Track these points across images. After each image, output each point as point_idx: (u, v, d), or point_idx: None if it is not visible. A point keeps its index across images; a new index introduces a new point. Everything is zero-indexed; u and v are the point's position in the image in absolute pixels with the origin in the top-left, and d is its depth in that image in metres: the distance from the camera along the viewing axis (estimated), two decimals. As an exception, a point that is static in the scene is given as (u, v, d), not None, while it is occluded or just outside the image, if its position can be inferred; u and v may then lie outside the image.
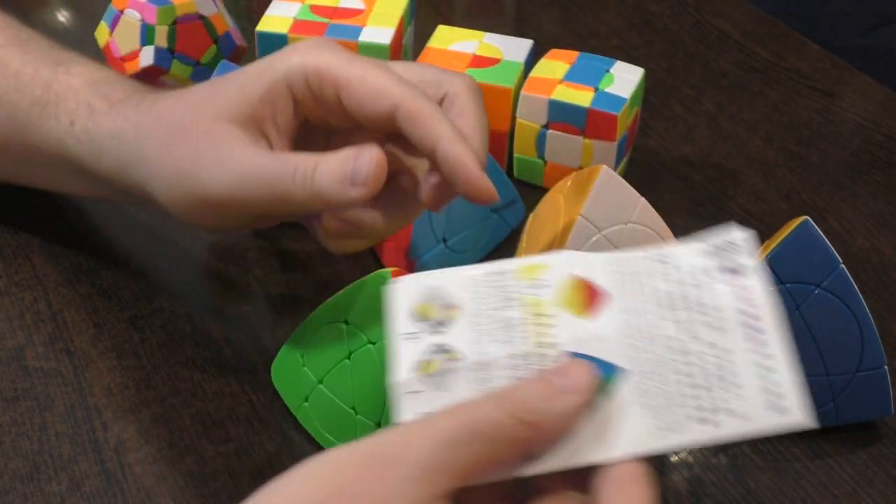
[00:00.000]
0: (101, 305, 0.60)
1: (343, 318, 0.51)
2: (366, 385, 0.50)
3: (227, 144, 0.50)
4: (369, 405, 0.50)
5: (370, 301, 0.50)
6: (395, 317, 0.43)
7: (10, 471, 0.52)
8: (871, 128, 0.79)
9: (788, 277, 0.53)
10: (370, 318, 0.50)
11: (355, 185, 0.47)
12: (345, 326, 0.51)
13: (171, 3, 0.71)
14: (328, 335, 0.52)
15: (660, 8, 0.91)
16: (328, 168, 0.47)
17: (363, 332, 0.50)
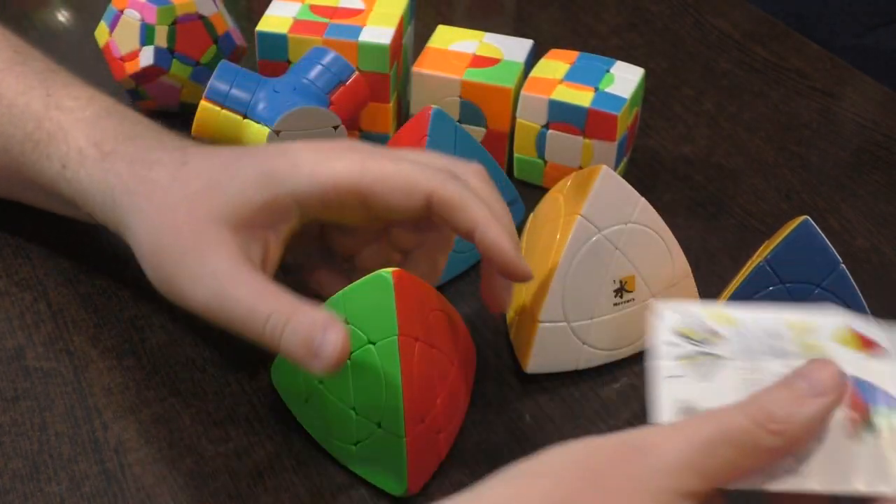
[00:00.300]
0: (101, 305, 0.60)
1: (343, 317, 0.50)
2: (366, 385, 0.50)
3: (212, 258, 0.50)
4: (369, 406, 0.50)
5: (370, 301, 0.50)
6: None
7: (10, 471, 0.52)
8: (871, 128, 0.79)
9: (788, 277, 0.53)
10: (370, 318, 0.50)
11: (318, 358, 0.47)
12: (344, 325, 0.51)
13: (171, 2, 0.71)
14: None
15: (660, 8, 0.91)
16: (298, 329, 0.47)
17: (363, 332, 0.50)
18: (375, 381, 0.50)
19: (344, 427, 0.51)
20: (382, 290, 0.49)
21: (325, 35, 0.68)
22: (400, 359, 0.49)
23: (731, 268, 0.65)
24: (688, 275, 0.60)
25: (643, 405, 0.57)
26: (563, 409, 0.57)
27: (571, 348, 0.57)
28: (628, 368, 0.59)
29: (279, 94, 0.64)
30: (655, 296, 0.59)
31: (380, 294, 0.49)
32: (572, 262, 0.56)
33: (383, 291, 0.49)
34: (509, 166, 0.71)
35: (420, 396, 0.50)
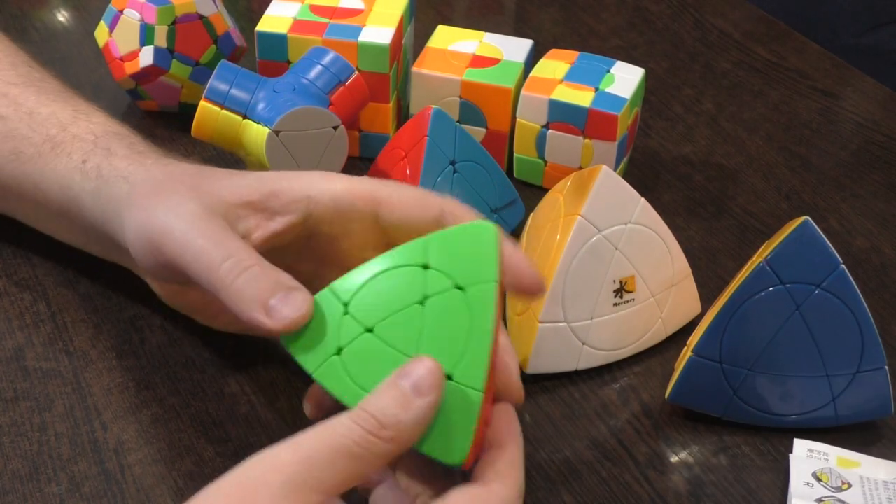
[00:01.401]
0: (101, 305, 0.60)
1: (421, 263, 0.46)
2: (441, 333, 0.45)
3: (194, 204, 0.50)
4: (442, 355, 0.45)
5: (466, 247, 0.46)
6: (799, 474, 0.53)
7: (10, 471, 0.52)
8: (871, 128, 0.79)
9: (788, 277, 0.53)
10: (463, 262, 0.46)
11: (269, 318, 0.46)
12: (421, 270, 0.46)
13: (171, 3, 0.71)
14: (395, 279, 0.47)
15: (660, 8, 0.91)
16: (255, 282, 0.47)
17: (450, 276, 0.46)
18: (456, 328, 0.45)
19: None
20: (485, 236, 0.46)
21: (324, 35, 0.68)
22: (495, 306, 0.45)
23: (731, 268, 0.65)
24: (688, 275, 0.60)
25: (643, 405, 0.57)
26: (563, 409, 0.57)
27: (571, 349, 0.57)
28: (628, 369, 0.59)
29: (279, 95, 0.64)
30: (655, 296, 0.59)
31: (481, 240, 0.46)
32: (572, 262, 0.56)
33: (486, 238, 0.46)
34: (509, 166, 0.71)
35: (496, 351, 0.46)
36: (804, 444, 0.55)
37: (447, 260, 0.46)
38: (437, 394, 0.42)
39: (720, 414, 0.56)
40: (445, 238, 0.47)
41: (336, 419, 0.41)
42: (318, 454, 0.40)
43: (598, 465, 0.54)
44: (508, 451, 0.45)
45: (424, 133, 0.62)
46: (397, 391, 0.42)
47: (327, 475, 0.40)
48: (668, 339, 0.60)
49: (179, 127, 0.73)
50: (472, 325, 0.45)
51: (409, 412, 0.42)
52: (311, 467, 0.40)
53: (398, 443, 0.42)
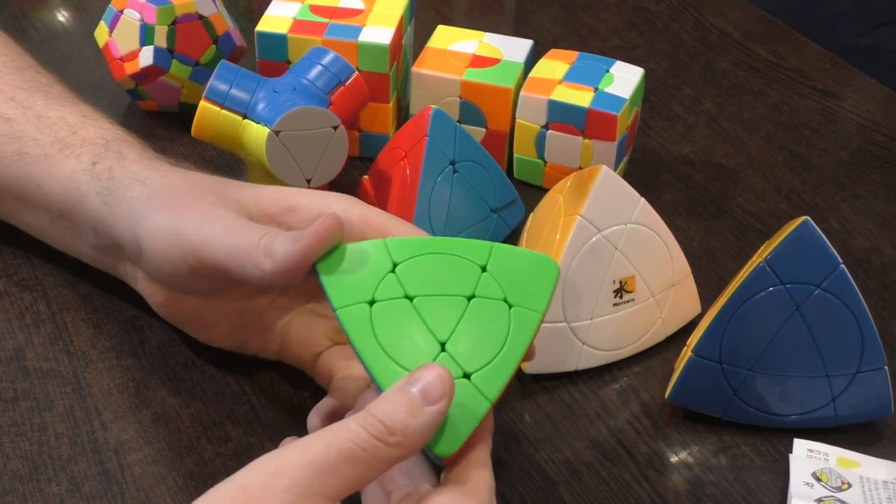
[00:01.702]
0: (101, 305, 0.60)
1: (482, 263, 0.47)
2: (478, 332, 0.46)
3: (224, 211, 0.50)
4: (469, 352, 0.46)
5: (528, 271, 0.47)
6: (799, 474, 0.53)
7: (10, 471, 0.52)
8: (871, 128, 0.79)
9: (788, 277, 0.53)
10: (520, 283, 0.47)
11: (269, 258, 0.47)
12: (478, 270, 0.47)
13: (171, 3, 0.71)
14: (451, 265, 0.47)
15: (660, 8, 0.91)
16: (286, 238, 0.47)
17: (503, 288, 0.47)
18: (492, 336, 0.46)
19: (413, 354, 0.46)
20: (548, 271, 0.47)
21: (324, 35, 0.68)
22: (533, 335, 0.46)
23: (731, 268, 0.65)
24: (688, 275, 0.60)
25: (642, 405, 0.57)
26: (563, 410, 0.57)
27: (571, 348, 0.57)
28: (628, 369, 0.59)
29: (279, 95, 0.63)
30: (655, 296, 0.59)
31: (543, 273, 0.47)
32: (572, 262, 0.56)
33: (548, 273, 0.47)
34: (509, 166, 0.71)
35: None
36: (804, 444, 0.55)
37: (505, 273, 0.47)
38: (447, 402, 0.43)
39: (720, 414, 0.56)
40: (510, 253, 0.48)
41: (343, 424, 0.41)
42: (324, 458, 0.40)
43: (598, 465, 0.54)
44: (482, 446, 0.45)
45: (424, 133, 0.62)
46: (406, 397, 0.42)
47: (333, 480, 0.40)
48: (668, 339, 0.60)
49: (179, 127, 0.73)
50: (507, 341, 0.46)
51: (418, 419, 0.42)
52: (317, 472, 0.40)
53: (405, 448, 0.42)
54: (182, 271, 0.51)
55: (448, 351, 0.46)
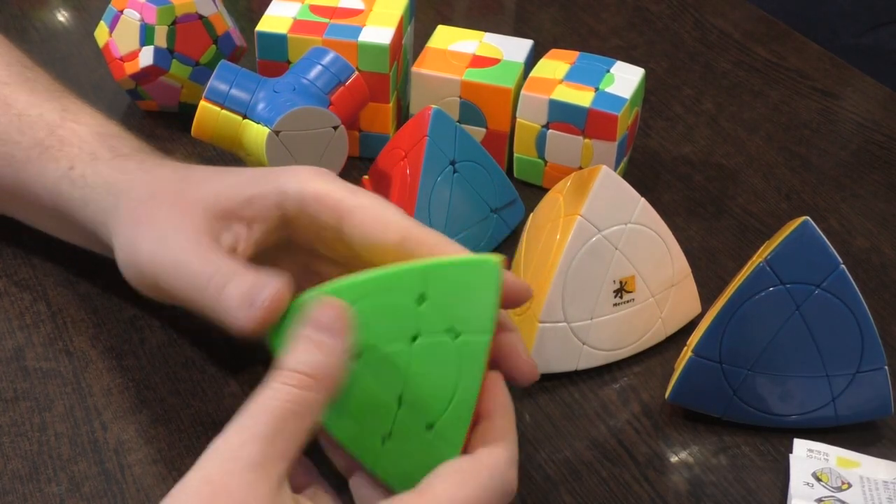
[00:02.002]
0: (101, 305, 0.60)
1: (416, 294, 0.44)
2: (429, 379, 0.43)
3: (180, 228, 0.50)
4: (426, 402, 0.44)
5: (466, 286, 0.43)
6: (799, 474, 0.52)
7: (10, 471, 0.52)
8: (871, 128, 0.79)
9: (788, 277, 0.53)
10: (461, 305, 0.43)
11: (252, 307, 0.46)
12: (415, 304, 0.44)
13: (171, 3, 0.71)
14: (389, 306, 0.44)
15: (660, 8, 0.91)
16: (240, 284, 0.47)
17: (444, 318, 0.43)
18: (444, 377, 0.43)
19: (374, 418, 0.44)
20: (486, 279, 0.43)
21: (324, 35, 0.68)
22: (485, 362, 0.43)
23: (731, 268, 0.65)
24: (688, 275, 0.60)
25: (642, 405, 0.57)
26: (563, 410, 0.57)
27: (571, 348, 0.57)
28: (628, 369, 0.59)
29: (279, 95, 0.64)
30: (655, 296, 0.59)
31: (482, 283, 0.43)
32: (572, 262, 0.56)
33: (487, 280, 0.43)
34: (509, 166, 0.71)
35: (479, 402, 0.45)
36: (804, 444, 0.55)
37: (444, 297, 0.44)
38: (346, 325, 0.43)
39: (720, 414, 0.56)
40: (446, 270, 0.44)
41: (263, 390, 0.42)
42: (264, 428, 0.41)
43: (598, 465, 0.54)
44: (496, 421, 0.45)
45: (424, 133, 0.62)
46: (306, 341, 0.43)
47: (281, 442, 0.41)
48: (668, 339, 0.60)
49: (179, 127, 0.73)
50: (459, 379, 0.44)
51: (325, 352, 0.42)
52: (263, 442, 0.41)
53: (328, 384, 0.42)
54: (148, 288, 0.52)
55: (406, 404, 0.44)
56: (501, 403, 0.46)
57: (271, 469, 0.40)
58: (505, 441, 0.45)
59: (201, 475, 0.40)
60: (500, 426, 0.45)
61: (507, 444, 0.45)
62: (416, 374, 0.44)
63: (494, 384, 0.47)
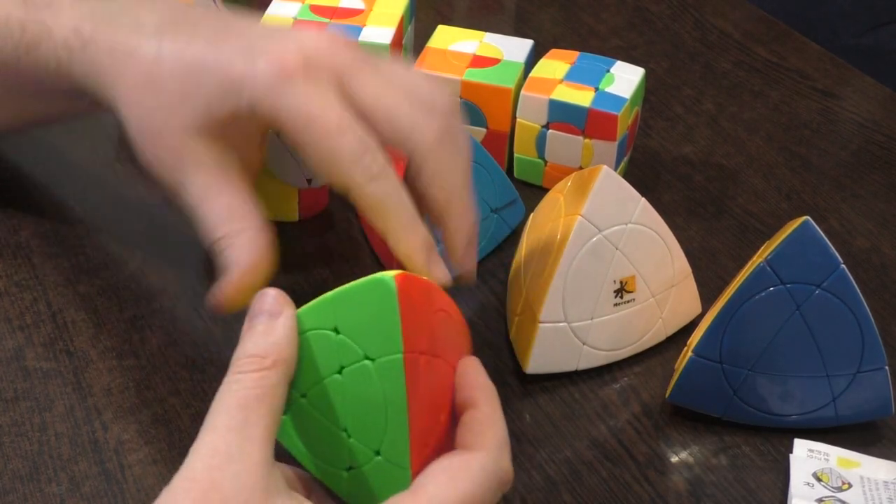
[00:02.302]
0: (101, 305, 0.60)
1: (332, 326, 0.44)
2: (362, 406, 0.44)
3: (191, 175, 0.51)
4: (366, 430, 0.44)
5: (369, 311, 0.43)
6: (799, 474, 0.53)
7: (10, 471, 0.52)
8: (871, 128, 0.79)
9: (789, 277, 0.53)
10: (368, 330, 0.43)
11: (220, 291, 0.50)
12: (334, 335, 0.44)
13: (171, 3, 0.70)
14: (314, 343, 0.45)
15: (660, 8, 0.91)
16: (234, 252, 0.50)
17: (359, 344, 0.44)
18: (374, 402, 0.44)
19: (333, 450, 0.45)
20: (384, 298, 0.43)
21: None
22: (405, 380, 0.43)
23: (731, 268, 0.65)
24: (688, 275, 0.60)
25: (643, 405, 0.57)
26: (563, 410, 0.57)
27: (571, 348, 0.57)
28: (628, 369, 0.59)
29: (279, 95, 0.63)
30: (655, 296, 0.59)
31: (381, 303, 0.43)
32: (572, 262, 0.56)
33: (385, 300, 0.43)
34: (509, 166, 0.71)
35: (426, 418, 0.44)
36: (804, 444, 0.55)
37: (353, 325, 0.44)
38: (290, 308, 0.44)
39: (720, 414, 0.56)
40: (348, 298, 0.44)
41: (224, 384, 0.43)
42: (233, 419, 0.41)
43: (598, 465, 0.54)
44: (480, 408, 0.45)
45: None
46: (255, 328, 0.44)
47: (253, 429, 0.41)
48: (668, 339, 0.60)
49: (179, 127, 0.73)
50: (386, 400, 0.44)
51: (276, 332, 0.44)
52: (236, 433, 0.41)
53: (284, 362, 0.43)
54: None
55: (352, 434, 0.45)
56: (481, 389, 0.46)
57: (253, 456, 0.41)
58: (492, 428, 0.44)
59: (186, 476, 0.40)
60: (485, 413, 0.45)
61: (494, 430, 0.44)
62: (351, 404, 0.44)
63: (470, 371, 0.46)
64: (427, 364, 0.44)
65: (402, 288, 0.43)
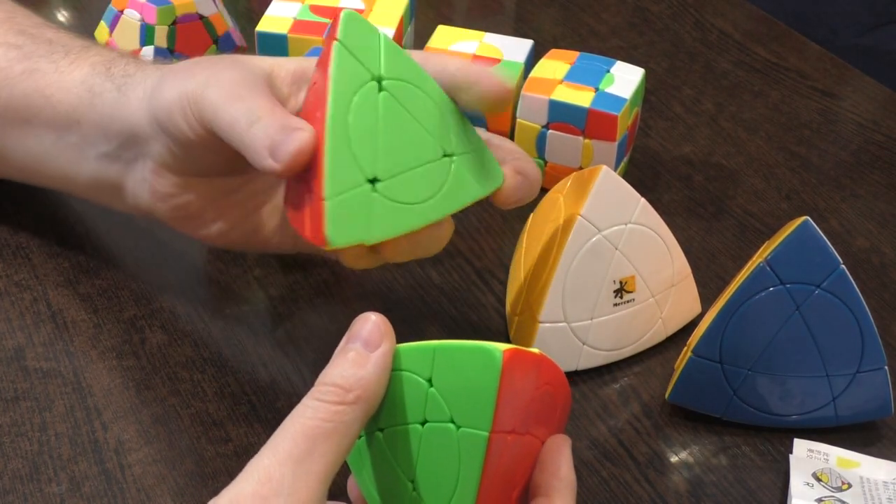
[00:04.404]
0: (101, 305, 0.60)
1: (427, 376, 0.42)
2: (436, 466, 0.42)
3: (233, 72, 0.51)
4: (434, 488, 0.42)
5: (467, 376, 0.41)
6: (799, 474, 0.52)
7: (10, 471, 0.52)
8: (871, 128, 0.79)
9: (788, 278, 0.53)
10: (462, 394, 0.41)
11: (273, 159, 0.47)
12: (426, 385, 0.42)
13: (171, 3, 0.71)
14: (406, 385, 0.43)
15: (660, 8, 0.91)
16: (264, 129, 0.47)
17: (448, 406, 0.42)
18: (448, 466, 0.42)
19: (395, 494, 0.44)
20: (486, 370, 0.41)
21: (324, 35, 0.68)
22: (485, 458, 0.41)
23: (731, 268, 0.65)
24: (688, 275, 0.60)
25: (643, 405, 0.57)
26: (563, 410, 0.57)
27: (571, 348, 0.57)
28: (628, 369, 0.59)
29: (279, 95, 0.63)
30: (655, 296, 0.59)
31: (482, 374, 0.41)
32: (572, 262, 0.56)
33: (487, 372, 0.41)
34: (509, 166, 0.71)
35: (497, 493, 0.43)
36: (804, 444, 0.55)
37: (447, 383, 0.42)
38: (389, 342, 0.42)
39: (720, 414, 0.56)
40: (451, 355, 0.42)
41: (301, 406, 0.40)
42: (297, 449, 0.39)
43: (598, 465, 0.54)
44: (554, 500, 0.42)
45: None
46: (349, 354, 0.41)
47: (314, 465, 0.39)
48: (668, 339, 0.61)
49: (179, 127, 0.73)
50: (461, 468, 0.42)
51: (368, 367, 0.41)
52: (295, 464, 0.39)
53: (367, 401, 0.41)
54: (190, 138, 0.51)
55: (418, 487, 0.43)
56: (560, 479, 0.43)
57: (305, 493, 0.39)
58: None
59: (231, 498, 0.39)
60: None
61: None
62: (425, 458, 0.43)
63: (555, 455, 0.44)
64: (513, 442, 0.42)
65: (508, 364, 0.40)
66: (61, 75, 0.57)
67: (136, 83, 0.55)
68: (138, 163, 0.55)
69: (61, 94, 0.57)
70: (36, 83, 0.57)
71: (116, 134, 0.55)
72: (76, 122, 0.56)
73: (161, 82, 0.53)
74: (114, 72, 0.56)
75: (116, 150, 0.56)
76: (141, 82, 0.54)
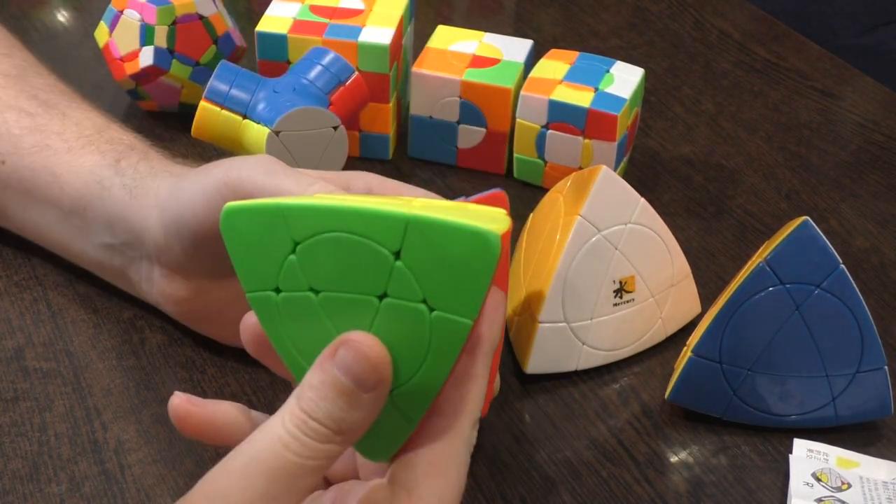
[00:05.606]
0: (101, 305, 0.60)
1: (395, 248, 0.37)
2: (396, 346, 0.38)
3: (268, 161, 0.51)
4: None
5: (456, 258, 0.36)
6: (799, 474, 0.52)
7: (10, 471, 0.52)
8: (871, 128, 0.79)
9: (788, 278, 0.53)
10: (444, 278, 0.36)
11: None
12: (392, 259, 0.37)
13: (171, 3, 0.71)
14: (357, 252, 0.37)
15: (660, 8, 0.91)
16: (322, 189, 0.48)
17: (420, 285, 0.37)
18: (413, 348, 0.37)
19: None
20: (480, 254, 0.36)
21: (324, 35, 0.68)
22: (462, 349, 0.37)
23: (731, 268, 0.65)
24: (688, 275, 0.60)
25: (642, 405, 0.57)
26: (563, 410, 0.57)
27: (571, 349, 0.57)
28: (628, 369, 0.59)
29: (279, 95, 0.64)
30: (655, 296, 0.59)
31: (473, 257, 0.36)
32: (572, 262, 0.56)
33: (480, 257, 0.36)
34: (509, 166, 0.71)
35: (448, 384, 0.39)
36: (804, 444, 0.55)
37: (422, 261, 0.37)
38: (384, 385, 0.37)
39: (720, 414, 0.56)
40: (430, 230, 0.37)
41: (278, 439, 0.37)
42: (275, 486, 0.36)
43: (598, 465, 0.54)
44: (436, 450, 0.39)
45: None
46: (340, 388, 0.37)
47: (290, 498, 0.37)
48: (668, 339, 0.61)
49: (179, 127, 0.73)
50: (429, 357, 0.38)
51: (359, 409, 0.37)
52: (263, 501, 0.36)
53: (354, 436, 0.38)
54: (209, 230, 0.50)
55: None
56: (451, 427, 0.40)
57: None
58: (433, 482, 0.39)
59: None
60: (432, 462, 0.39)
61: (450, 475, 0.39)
62: (379, 334, 0.38)
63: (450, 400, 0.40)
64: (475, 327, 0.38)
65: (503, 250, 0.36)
66: (72, 158, 0.57)
67: (146, 188, 0.55)
68: (143, 262, 0.56)
69: (70, 176, 0.57)
70: (46, 160, 0.58)
71: (122, 232, 0.56)
72: (82, 208, 0.57)
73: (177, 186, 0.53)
74: (123, 166, 0.56)
75: (120, 246, 0.56)
76: (151, 188, 0.55)
